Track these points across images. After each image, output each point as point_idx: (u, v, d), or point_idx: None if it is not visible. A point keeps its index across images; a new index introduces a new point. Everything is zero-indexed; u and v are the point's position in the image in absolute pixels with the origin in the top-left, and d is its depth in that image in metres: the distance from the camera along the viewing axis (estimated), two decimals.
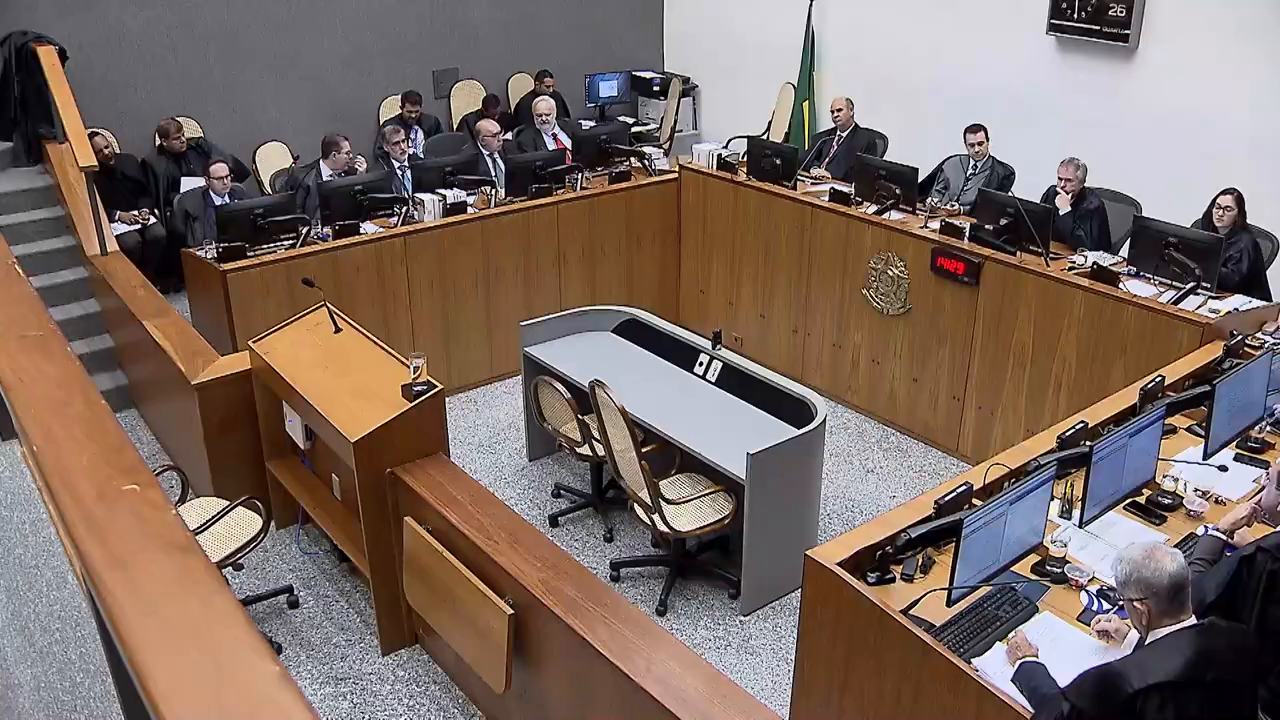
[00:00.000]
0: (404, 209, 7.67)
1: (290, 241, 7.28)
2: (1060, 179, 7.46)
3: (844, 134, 9.14)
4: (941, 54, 10.02)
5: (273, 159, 10.11)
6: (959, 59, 9.87)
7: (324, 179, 8.19)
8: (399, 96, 10.82)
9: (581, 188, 8.36)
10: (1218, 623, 3.50)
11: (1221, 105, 8.19)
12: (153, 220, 9.03)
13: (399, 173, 8.60)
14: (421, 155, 9.86)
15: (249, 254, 7.06)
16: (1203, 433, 5.17)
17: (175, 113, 9.66)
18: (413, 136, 10.31)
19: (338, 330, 5.87)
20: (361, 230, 7.49)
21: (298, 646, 5.53)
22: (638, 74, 12.73)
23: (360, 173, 8.57)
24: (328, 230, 7.41)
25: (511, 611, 4.36)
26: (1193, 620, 3.40)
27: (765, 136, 10.99)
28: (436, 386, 5.17)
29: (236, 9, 10.15)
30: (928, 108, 9.96)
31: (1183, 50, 8.37)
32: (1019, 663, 3.68)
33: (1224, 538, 4.30)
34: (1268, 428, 5.44)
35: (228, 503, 5.36)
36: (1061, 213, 7.30)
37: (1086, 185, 7.45)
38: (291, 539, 6.34)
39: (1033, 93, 9.32)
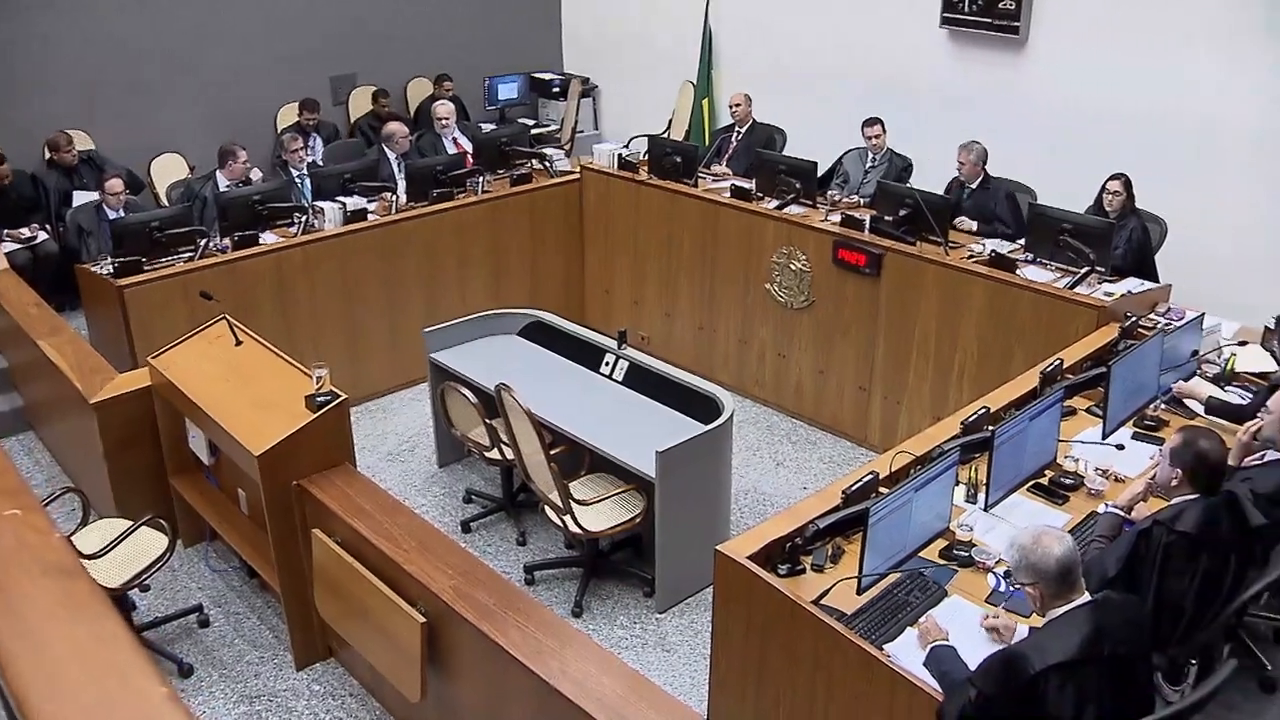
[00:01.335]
0: (304, 218, 7.57)
1: (189, 254, 7.14)
2: (957, 162, 7.66)
3: (743, 130, 9.20)
4: (838, 48, 10.14)
5: (169, 171, 9.94)
6: (855, 53, 10.00)
7: (221, 189, 8.07)
8: (296, 104, 10.70)
9: (483, 191, 8.32)
10: (1111, 597, 3.60)
11: (1107, 93, 8.40)
12: (44, 236, 8.83)
13: (298, 181, 8.50)
14: (321, 163, 9.76)
15: (146, 268, 6.93)
16: (1101, 413, 5.30)
17: (65, 125, 9.47)
18: (311, 144, 10.21)
19: (239, 343, 5.80)
20: (261, 241, 7.38)
21: (210, 666, 5.44)
22: (537, 75, 12.71)
23: (256, 182, 8.45)
24: (226, 242, 7.29)
25: (423, 620, 4.33)
26: (1086, 597, 3.48)
27: (666, 135, 11.02)
28: (340, 396, 5.13)
29: (127, 18, 9.98)
30: (826, 102, 10.06)
31: (1070, 41, 8.58)
32: (930, 647, 3.73)
33: (1122, 514, 4.40)
34: (1162, 405, 5.59)
35: (131, 523, 5.25)
36: (965, 201, 7.49)
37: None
38: (200, 557, 6.24)
39: (928, 85, 9.47)
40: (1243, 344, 6.11)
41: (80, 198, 8.91)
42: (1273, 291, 6.80)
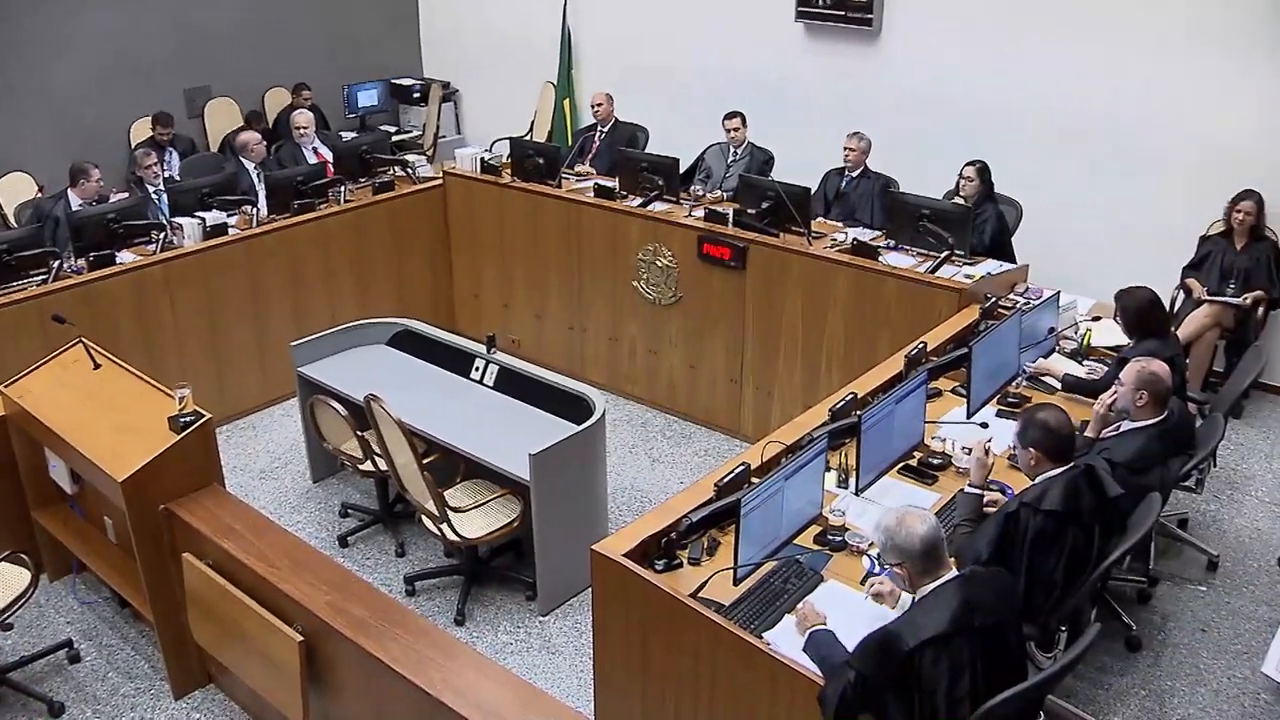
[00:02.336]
0: (162, 235, 7.39)
1: (41, 277, 6.93)
2: (845, 149, 7.87)
3: (605, 129, 9.24)
4: (696, 45, 10.22)
5: (16, 190, 9.58)
6: (714, 49, 10.09)
7: (74, 209, 7.84)
8: (149, 118, 10.45)
9: (345, 200, 8.22)
10: (979, 571, 3.71)
11: (961, 82, 8.62)
12: None
13: (154, 197, 8.31)
14: (178, 178, 9.54)
15: None
16: (965, 393, 5.42)
17: None
18: (167, 159, 9.97)
19: (97, 366, 5.64)
20: (118, 260, 7.19)
21: (83, 703, 5.26)
22: (396, 81, 12.60)
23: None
24: (81, 263, 7.09)
25: (301, 639, 4.27)
26: (954, 572, 3.57)
27: (528, 137, 11.00)
28: (204, 416, 5.02)
29: None
30: (686, 98, 10.14)
31: (922, 32, 8.79)
32: (809, 632, 3.76)
33: (979, 492, 4.51)
34: (1023, 383, 5.75)
35: None
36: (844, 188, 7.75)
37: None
38: (67, 590, 6.05)
39: (786, 78, 9.61)
40: (1097, 319, 6.32)
41: None
42: (1126, 266, 7.02)
